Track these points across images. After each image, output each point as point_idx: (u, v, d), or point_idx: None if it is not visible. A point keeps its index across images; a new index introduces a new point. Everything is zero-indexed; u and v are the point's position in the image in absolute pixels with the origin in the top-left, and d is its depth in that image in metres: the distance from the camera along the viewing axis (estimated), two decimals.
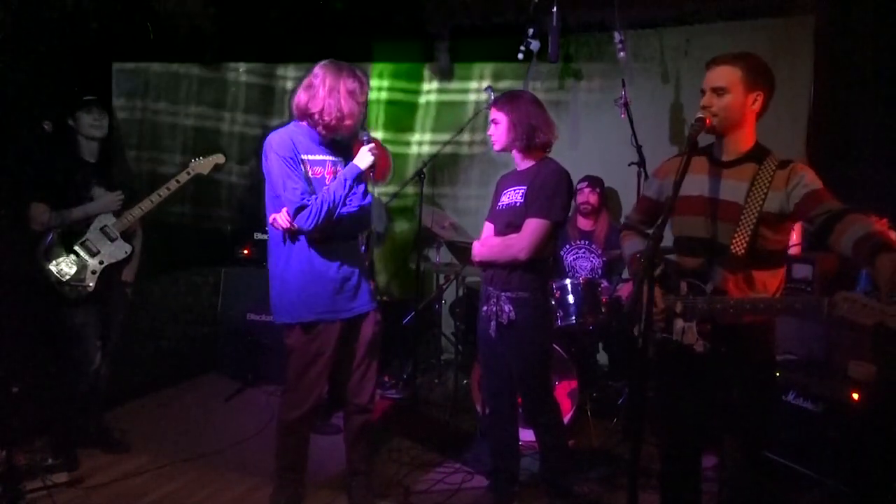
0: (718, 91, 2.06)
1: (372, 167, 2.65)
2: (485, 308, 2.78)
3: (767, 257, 2.08)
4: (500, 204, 2.81)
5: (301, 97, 2.63)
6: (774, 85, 2.10)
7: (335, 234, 2.64)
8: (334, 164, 2.72)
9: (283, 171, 2.57)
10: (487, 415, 2.95)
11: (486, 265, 2.81)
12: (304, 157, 2.63)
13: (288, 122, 2.72)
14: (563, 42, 4.37)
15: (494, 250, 2.72)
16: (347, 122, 2.61)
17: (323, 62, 2.66)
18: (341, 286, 2.68)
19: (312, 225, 2.54)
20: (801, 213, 2.01)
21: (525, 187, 2.70)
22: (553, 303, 3.45)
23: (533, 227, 2.62)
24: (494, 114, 2.75)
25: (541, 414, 2.79)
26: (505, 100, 2.76)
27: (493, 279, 2.75)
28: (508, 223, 2.71)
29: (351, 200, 2.65)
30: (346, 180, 2.59)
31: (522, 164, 2.78)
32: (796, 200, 2.00)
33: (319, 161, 2.68)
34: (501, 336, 2.72)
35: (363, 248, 3.15)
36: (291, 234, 2.64)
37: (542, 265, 2.72)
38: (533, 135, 2.68)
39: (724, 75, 2.06)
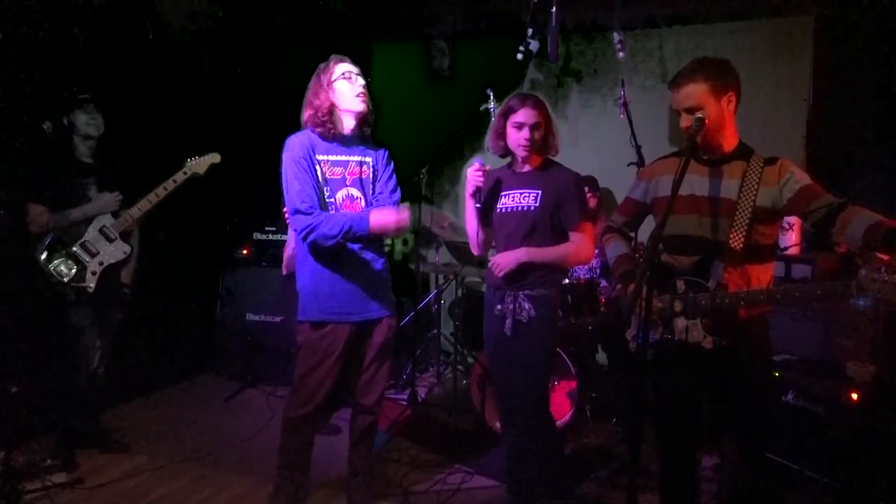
0: (691, 111, 2.08)
1: (387, 231, 2.53)
2: (499, 307, 2.72)
3: (761, 252, 2.11)
4: (502, 207, 2.73)
5: None
6: (738, 76, 2.11)
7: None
8: (360, 164, 2.70)
9: (292, 172, 2.57)
10: (502, 416, 2.91)
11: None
12: (320, 157, 2.62)
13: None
14: (563, 42, 4.37)
15: (564, 259, 2.71)
16: (324, 114, 2.59)
17: None
18: (356, 288, 2.66)
19: (301, 236, 2.56)
20: (796, 208, 2.04)
21: (539, 191, 2.66)
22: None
23: (589, 231, 2.68)
24: (535, 116, 2.62)
25: (529, 411, 2.71)
26: (539, 101, 2.66)
27: (510, 278, 2.68)
28: (531, 228, 2.65)
29: (377, 200, 2.67)
30: (349, 229, 2.50)
31: (526, 165, 2.73)
32: (790, 195, 2.04)
33: (341, 161, 2.66)
34: (517, 334, 2.68)
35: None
36: None
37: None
38: (558, 137, 2.71)
39: (691, 94, 2.07)
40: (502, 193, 2.75)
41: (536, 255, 2.65)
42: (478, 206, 2.71)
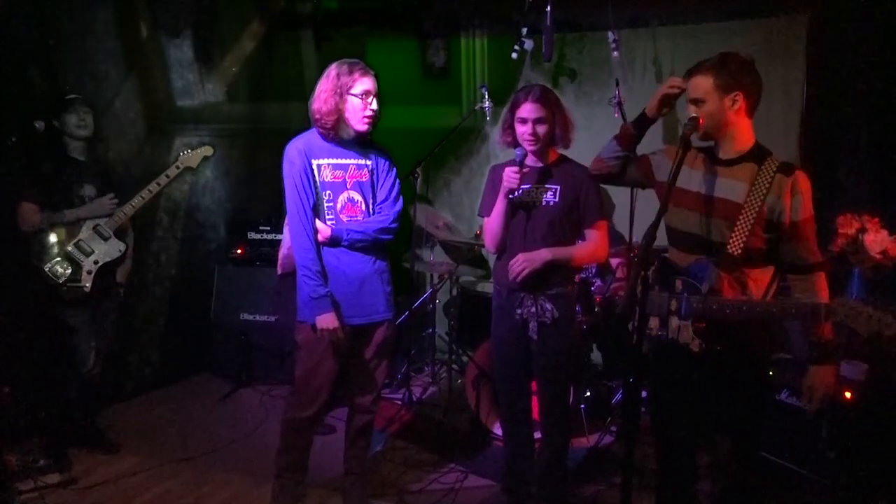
0: (696, 102, 2.10)
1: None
2: (519, 311, 2.65)
3: (761, 255, 2.10)
4: (519, 202, 2.64)
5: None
6: (755, 79, 2.10)
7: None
8: (360, 167, 2.67)
9: (290, 189, 2.56)
10: (505, 417, 2.89)
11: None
12: (317, 161, 2.59)
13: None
14: (557, 41, 4.36)
15: (584, 259, 2.72)
16: (328, 119, 2.53)
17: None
18: (358, 290, 2.65)
19: (294, 251, 2.60)
20: (783, 233, 2.06)
21: (557, 187, 2.62)
22: None
23: (604, 229, 2.67)
24: (539, 111, 2.53)
25: (562, 412, 2.76)
26: (545, 94, 2.56)
27: (527, 281, 2.61)
28: (550, 225, 2.60)
29: (380, 209, 2.68)
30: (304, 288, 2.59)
31: (539, 160, 2.66)
32: (785, 220, 2.04)
33: (340, 165, 2.62)
34: (543, 336, 2.64)
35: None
36: None
37: None
38: (570, 129, 2.64)
39: (698, 86, 2.09)
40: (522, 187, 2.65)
41: (560, 255, 2.60)
42: (511, 197, 2.60)
